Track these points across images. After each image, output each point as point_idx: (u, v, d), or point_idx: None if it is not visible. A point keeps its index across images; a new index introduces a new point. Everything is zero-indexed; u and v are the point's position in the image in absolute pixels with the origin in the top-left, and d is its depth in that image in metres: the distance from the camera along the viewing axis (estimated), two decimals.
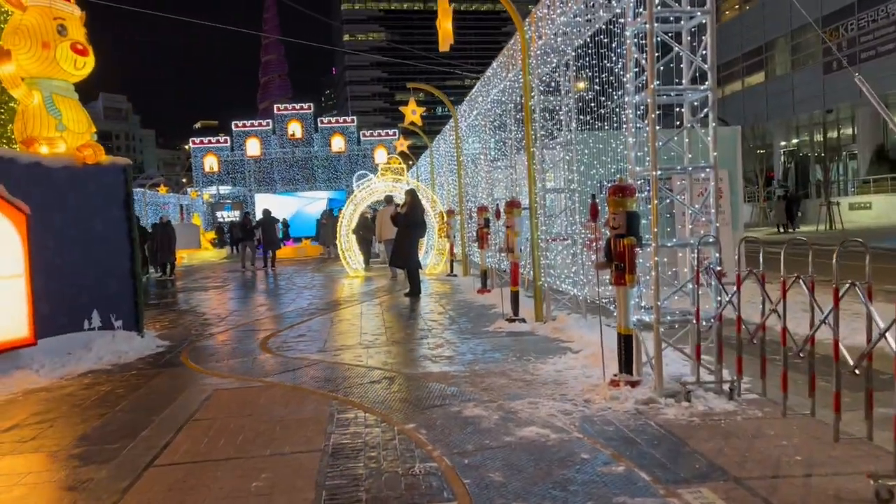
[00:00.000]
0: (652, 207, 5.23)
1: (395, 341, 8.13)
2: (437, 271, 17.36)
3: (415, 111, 17.29)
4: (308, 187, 50.59)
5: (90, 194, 8.03)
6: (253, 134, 52.81)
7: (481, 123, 12.97)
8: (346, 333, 8.90)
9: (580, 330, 7.83)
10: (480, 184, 13.47)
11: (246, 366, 7.18)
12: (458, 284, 14.24)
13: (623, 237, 5.28)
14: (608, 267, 5.54)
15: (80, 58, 7.90)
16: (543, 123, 8.71)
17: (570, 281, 8.46)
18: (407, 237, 12.71)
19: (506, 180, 11.85)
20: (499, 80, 11.00)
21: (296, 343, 8.36)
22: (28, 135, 7.67)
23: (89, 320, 7.96)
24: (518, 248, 8.85)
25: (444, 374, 6.28)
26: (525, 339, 7.93)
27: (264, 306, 12.39)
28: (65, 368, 7.20)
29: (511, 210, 8.78)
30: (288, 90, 73.11)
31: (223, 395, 5.95)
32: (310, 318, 10.40)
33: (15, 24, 7.58)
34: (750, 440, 4.17)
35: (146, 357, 7.90)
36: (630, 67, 5.49)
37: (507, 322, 8.78)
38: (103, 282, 8.17)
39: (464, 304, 11.18)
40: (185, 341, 8.86)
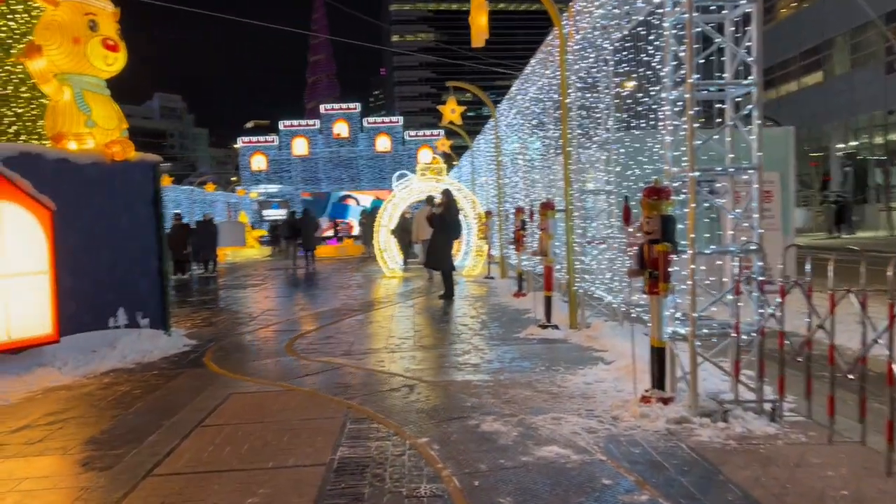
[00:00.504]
0: (689, 211, 4.85)
1: (421, 346, 7.88)
2: (475, 273, 17.06)
3: (454, 110, 16.96)
4: (352, 187, 50.78)
5: (118, 191, 7.98)
6: (300, 133, 53.31)
7: (520, 122, 12.64)
8: (374, 336, 8.69)
9: (615, 339, 7.46)
10: (519, 184, 13.14)
11: (268, 368, 7.03)
12: (495, 287, 13.93)
13: (657, 243, 4.93)
14: (641, 274, 5.19)
15: (111, 53, 7.86)
16: (581, 122, 8.35)
17: (606, 287, 8.08)
18: (441, 238, 12.46)
19: (543, 181, 11.49)
20: (537, 77, 10.66)
21: (322, 345, 8.18)
22: (57, 131, 7.66)
23: (115, 318, 7.91)
24: (552, 252, 8.51)
25: (467, 384, 5.99)
26: (556, 346, 7.59)
27: (297, 306, 12.29)
28: (88, 366, 7.15)
29: (545, 212, 8.44)
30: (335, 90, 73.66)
31: (239, 400, 5.79)
32: (340, 320, 10.23)
33: (47, 20, 7.58)
34: (791, 469, 3.78)
35: (170, 356, 7.82)
36: (668, 61, 5.12)
37: (539, 328, 8.45)
38: (130, 279, 8.12)
39: (497, 308, 10.87)
40: (212, 341, 8.78)
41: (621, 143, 7.26)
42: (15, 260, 6.62)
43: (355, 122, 52.75)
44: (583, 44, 7.91)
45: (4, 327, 6.54)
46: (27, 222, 6.74)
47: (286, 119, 54.00)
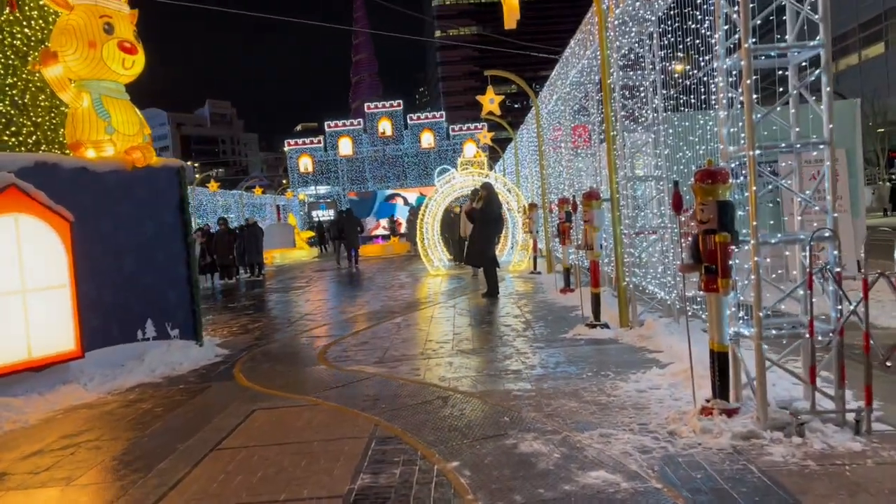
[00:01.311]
0: (749, 195, 4.24)
1: (460, 351, 7.39)
2: (520, 268, 16.49)
3: (493, 100, 16.37)
4: (398, 185, 50.62)
5: (141, 198, 7.72)
6: (345, 133, 53.34)
7: (561, 109, 12.01)
8: (411, 341, 8.24)
9: (670, 337, 6.83)
10: (563, 174, 12.52)
11: (297, 379, 6.64)
12: (541, 283, 13.34)
13: (714, 233, 4.33)
14: (696, 269, 4.59)
15: (129, 56, 7.59)
16: (624, 103, 7.73)
17: (658, 282, 7.46)
18: (482, 233, 11.93)
19: (588, 169, 10.87)
20: (577, 59, 10.03)
21: (356, 352, 7.78)
22: (77, 139, 7.43)
23: (143, 330, 7.66)
24: (598, 245, 7.91)
25: (507, 394, 5.48)
26: (606, 348, 7.01)
27: (337, 309, 11.95)
28: (114, 382, 6.90)
29: (589, 202, 7.85)
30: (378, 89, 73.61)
31: (261, 417, 5.40)
32: (378, 323, 9.82)
33: (61, 25, 7.35)
34: (888, 498, 3.17)
35: (200, 368, 7.52)
36: (719, 25, 4.50)
37: (587, 328, 7.87)
38: (158, 289, 7.86)
39: (543, 306, 10.30)
40: (245, 350, 8.47)
41: (670, 124, 6.61)
42: (33, 274, 6.38)
43: (399, 120, 52.51)
44: (623, 17, 7.28)
45: (25, 344, 6.31)
46: (45, 235, 6.50)
47: (333, 119, 54.11)
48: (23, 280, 6.29)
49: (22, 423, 5.70)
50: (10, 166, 6.33)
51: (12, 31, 8.09)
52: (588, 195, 7.92)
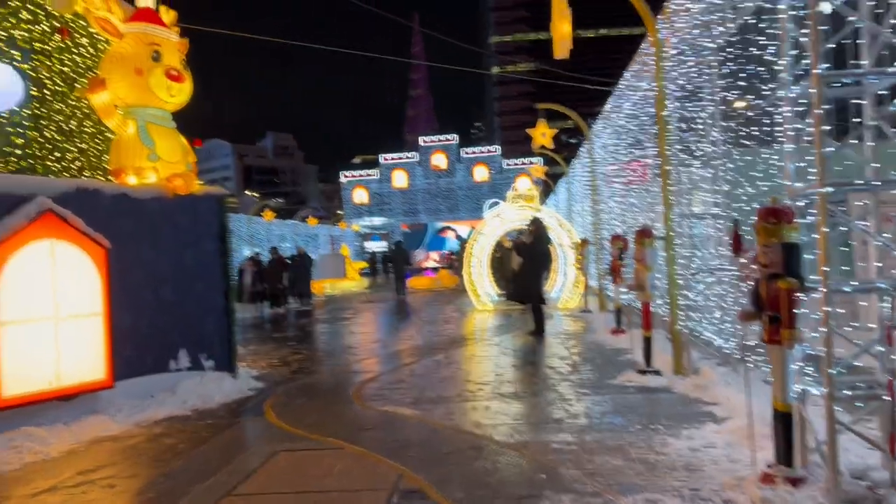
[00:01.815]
0: (819, 237, 3.79)
1: (499, 394, 6.99)
2: (570, 306, 15.97)
3: (545, 134, 16.01)
4: (451, 217, 50.65)
5: (182, 226, 7.63)
6: (399, 166, 53.88)
7: (615, 142, 11.62)
8: (450, 381, 7.87)
9: (728, 389, 6.30)
10: (615, 209, 12.07)
11: (327, 419, 6.34)
12: (591, 322, 12.81)
13: (778, 278, 3.89)
14: (757, 318, 4.14)
15: (175, 84, 7.58)
16: (681, 136, 7.32)
17: (716, 328, 6.95)
18: (530, 269, 11.53)
19: (642, 205, 10.41)
20: (632, 91, 9.67)
21: (391, 391, 7.45)
22: (120, 165, 7.41)
23: (176, 360, 7.51)
24: (651, 285, 7.44)
25: (545, 446, 5.06)
26: (657, 397, 6.52)
27: (378, 343, 11.68)
28: (143, 414, 6.72)
29: (641, 240, 7.41)
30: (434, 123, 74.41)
31: (283, 460, 5.11)
32: (417, 360, 9.48)
33: (111, 53, 7.40)
34: None
35: (231, 402, 7.30)
36: (785, 50, 4.11)
37: (637, 374, 7.38)
38: (194, 319, 7.72)
39: (592, 348, 9.81)
40: (281, 383, 8.23)
41: (729, 158, 6.16)
42: (67, 301, 6.30)
43: (453, 153, 52.78)
44: (680, 47, 6.91)
45: (54, 373, 6.20)
46: (80, 262, 6.42)
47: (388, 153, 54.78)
48: (56, 307, 6.20)
49: (43, 456, 5.54)
50: (49, 191, 6.30)
51: (62, 57, 8.23)
52: (641, 232, 7.49)
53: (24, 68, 7.79)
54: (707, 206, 7.01)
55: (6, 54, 7.63)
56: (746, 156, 5.33)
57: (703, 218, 7.27)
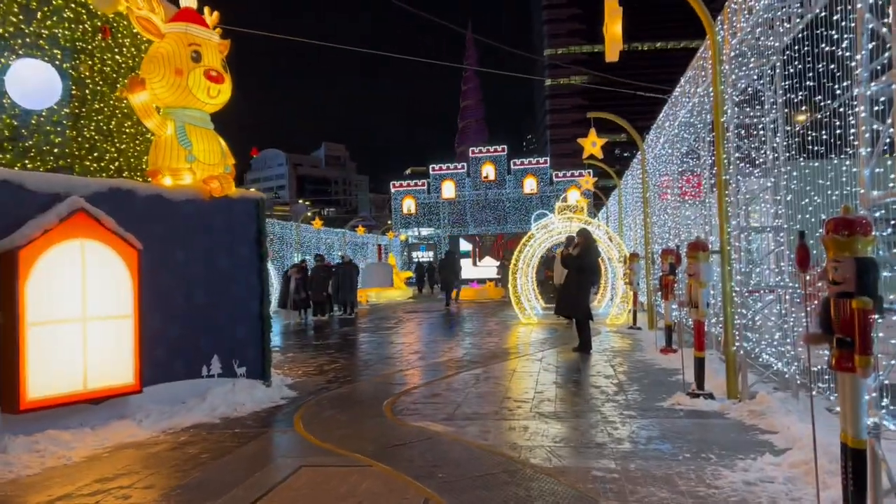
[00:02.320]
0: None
1: (539, 413, 6.61)
2: (618, 322, 15.42)
3: (595, 143, 15.52)
4: (499, 229, 50.26)
5: (217, 229, 7.50)
6: (448, 177, 53.77)
7: (669, 152, 11.13)
8: (487, 396, 7.52)
9: (787, 417, 5.80)
10: (668, 222, 11.55)
11: (356, 433, 6.07)
12: (640, 340, 12.28)
13: (850, 297, 3.45)
14: (825, 341, 3.70)
15: (214, 85, 7.47)
16: (739, 144, 6.86)
17: (775, 351, 6.44)
18: (576, 282, 11.10)
19: (696, 218, 9.91)
20: (687, 98, 9.21)
21: (425, 405, 7.14)
22: (157, 166, 7.33)
23: (208, 367, 7.35)
24: (705, 303, 6.96)
25: (586, 473, 4.68)
26: (709, 423, 6.05)
27: (417, 354, 11.38)
28: (170, 420, 6.57)
29: (695, 254, 6.95)
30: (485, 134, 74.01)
31: (305, 476, 4.85)
32: (456, 373, 9.16)
33: (151, 53, 7.33)
34: None
35: (262, 411, 7.10)
36: (861, 44, 3.68)
37: (688, 397, 6.90)
38: (228, 325, 7.56)
39: (640, 367, 9.33)
40: (314, 393, 8.01)
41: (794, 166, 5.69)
42: (96, 302, 6.19)
43: (502, 165, 52.43)
44: (741, 48, 6.47)
45: (81, 376, 6.08)
46: (111, 263, 6.32)
47: (438, 163, 54.79)
48: (84, 308, 6.10)
49: (65, 460, 5.41)
50: (82, 190, 6.22)
51: (103, 57, 8.22)
52: (694, 246, 7.03)
53: (64, 67, 7.78)
54: (767, 218, 6.53)
55: (48, 53, 7.64)
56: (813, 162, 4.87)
57: (762, 231, 6.78)
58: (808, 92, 4.73)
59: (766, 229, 6.80)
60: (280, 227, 32.56)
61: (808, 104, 4.81)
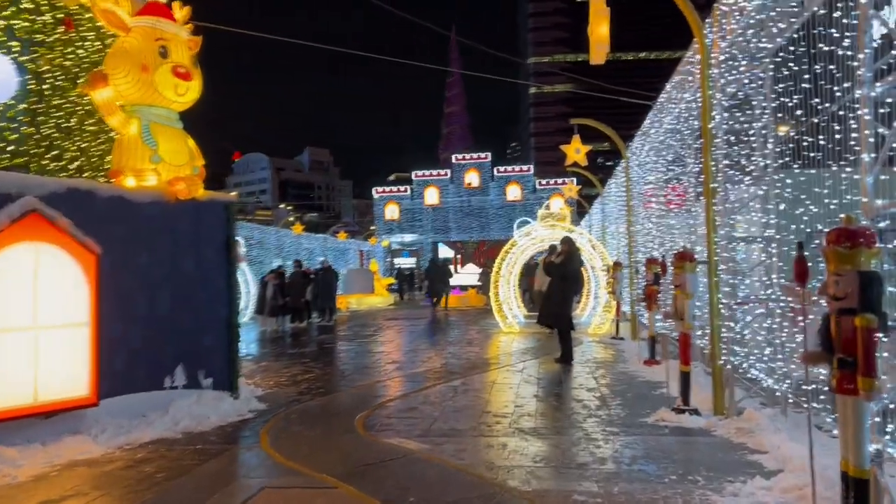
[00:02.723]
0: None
1: (518, 429, 6.31)
2: (601, 332, 15.17)
3: (578, 150, 15.26)
4: (482, 235, 50.09)
5: (183, 233, 7.14)
6: (432, 183, 53.53)
7: (654, 160, 10.91)
8: (465, 411, 7.21)
9: (776, 435, 5.54)
10: (652, 231, 11.33)
11: (325, 451, 5.74)
12: (623, 351, 12.03)
13: (853, 313, 3.21)
14: (825, 361, 3.45)
15: (182, 82, 7.13)
16: (728, 151, 6.62)
17: (765, 366, 6.19)
18: (559, 291, 10.82)
19: (682, 227, 9.68)
20: (673, 104, 9.00)
21: (400, 420, 6.82)
22: (120, 166, 6.97)
23: (171, 377, 6.98)
24: (691, 315, 6.72)
25: (566, 498, 4.38)
26: (695, 441, 5.78)
27: (395, 364, 11.05)
28: (128, 435, 6.19)
29: (681, 264, 6.70)
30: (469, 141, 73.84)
31: (266, 499, 4.52)
32: (434, 384, 8.84)
33: (116, 47, 6.99)
34: None
35: (228, 425, 6.74)
36: (864, 42, 3.44)
37: (673, 412, 6.64)
38: (193, 333, 7.20)
39: (623, 379, 9.06)
40: (284, 405, 7.65)
41: (788, 173, 5.44)
42: (48, 310, 5.82)
43: (486, 172, 52.29)
44: (731, 51, 6.24)
45: (31, 388, 5.70)
46: (67, 268, 5.95)
47: (419, 170, 54.56)
48: (35, 316, 5.72)
49: (10, 479, 5.03)
50: (37, 190, 5.85)
51: (64, 50, 7.84)
52: (680, 256, 6.79)
53: (21, 61, 7.41)
54: (757, 227, 6.29)
55: (3, 45, 7.27)
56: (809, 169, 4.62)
57: (751, 241, 6.55)
58: (804, 94, 4.49)
59: (756, 239, 6.56)
60: (259, 231, 32.09)
61: (804, 108, 4.56)
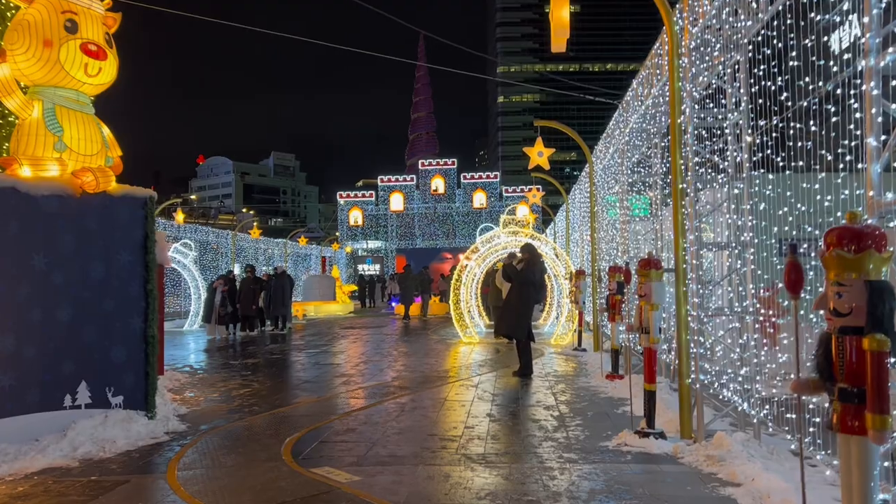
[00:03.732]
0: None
1: (465, 456, 5.60)
2: (563, 343, 14.58)
3: (541, 153, 14.67)
4: (447, 243, 49.43)
5: (91, 232, 6.31)
6: (397, 189, 52.78)
7: (618, 163, 10.35)
8: (409, 433, 6.48)
9: (751, 464, 4.93)
10: (616, 238, 10.76)
11: (240, 483, 4.97)
12: (585, 363, 11.42)
13: (859, 333, 2.59)
14: (821, 391, 2.82)
15: (94, 61, 6.32)
16: (699, 149, 6.04)
17: (739, 387, 5.59)
18: (519, 299, 10.15)
19: (648, 234, 9.11)
20: (640, 101, 8.43)
21: (335, 444, 6.07)
22: (17, 153, 6.12)
23: (73, 396, 6.14)
24: (657, 328, 6.08)
25: None
26: (661, 471, 5.14)
27: (342, 377, 10.27)
28: (14, 463, 5.35)
29: (646, 272, 6.07)
30: (435, 147, 73.07)
31: None
32: (380, 401, 8.09)
33: (17, 20, 6.15)
34: None
35: (136, 450, 5.92)
36: (870, 3, 2.83)
37: (637, 436, 6.00)
38: (101, 345, 6.35)
39: (584, 395, 8.43)
40: (207, 427, 6.84)
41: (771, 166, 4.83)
42: None
43: (452, 178, 51.77)
44: (702, 38, 5.66)
45: None
46: None
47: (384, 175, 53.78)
48: None
49: None
50: None
51: None
52: (645, 263, 6.15)
53: None
54: (733, 231, 5.70)
55: None
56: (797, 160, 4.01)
57: (723, 248, 5.95)
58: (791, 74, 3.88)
59: (726, 246, 5.97)
60: (215, 235, 31.00)
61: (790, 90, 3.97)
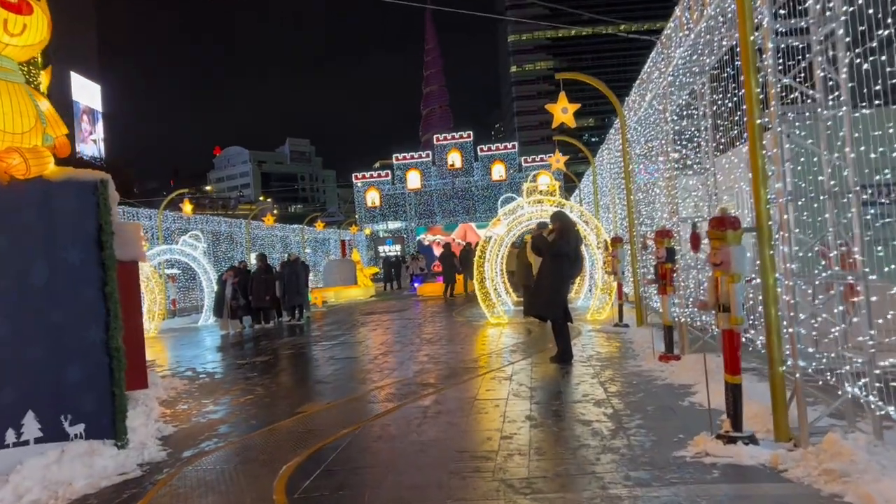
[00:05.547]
0: None
1: (504, 482, 4.37)
2: (601, 318, 13.29)
3: (566, 109, 13.21)
4: (467, 218, 48.06)
5: (26, 227, 5.15)
6: (413, 166, 51.50)
7: (658, 110, 8.95)
8: (434, 449, 5.26)
9: (883, 479, 3.66)
10: (659, 198, 9.40)
11: None
12: (630, 342, 10.13)
13: None
14: None
15: (15, 16, 5.14)
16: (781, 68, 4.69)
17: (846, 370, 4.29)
18: (553, 275, 8.82)
19: (701, 189, 7.76)
20: (687, 31, 7.04)
21: (342, 473, 4.87)
22: None
23: (17, 430, 5.02)
24: (739, 305, 4.77)
25: None
26: (763, 494, 3.88)
27: (357, 375, 9.09)
28: None
29: (721, 233, 4.76)
30: (449, 121, 71.20)
31: None
32: (397, 407, 6.89)
33: None
34: None
35: (98, 493, 4.78)
36: None
37: (719, 442, 4.73)
38: (50, 365, 5.21)
39: (637, 383, 7.16)
40: (192, 452, 5.69)
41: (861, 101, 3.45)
42: None
43: (469, 152, 50.33)
44: None
45: None
46: None
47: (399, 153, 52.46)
48: None
49: None
50: None
51: None
52: (718, 222, 4.83)
53: None
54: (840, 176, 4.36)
55: None
56: None
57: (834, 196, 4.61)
58: None
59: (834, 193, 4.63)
60: (227, 224, 29.97)
61: None
